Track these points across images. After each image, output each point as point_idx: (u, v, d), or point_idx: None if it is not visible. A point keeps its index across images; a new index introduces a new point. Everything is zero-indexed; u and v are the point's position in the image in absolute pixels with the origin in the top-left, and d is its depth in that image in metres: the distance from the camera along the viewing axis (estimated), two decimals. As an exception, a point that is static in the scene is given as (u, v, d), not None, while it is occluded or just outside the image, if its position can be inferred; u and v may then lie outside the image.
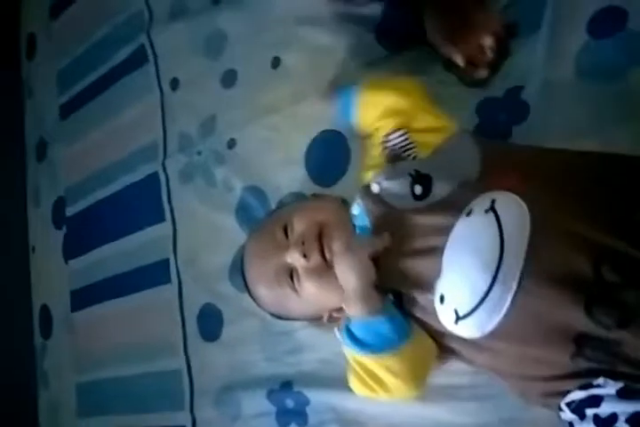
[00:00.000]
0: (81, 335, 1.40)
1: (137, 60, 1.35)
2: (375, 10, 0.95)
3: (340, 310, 0.84)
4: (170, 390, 1.18)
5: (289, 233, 0.82)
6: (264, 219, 0.96)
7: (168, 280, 1.22)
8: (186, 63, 1.25)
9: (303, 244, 0.79)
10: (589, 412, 0.61)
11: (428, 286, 0.68)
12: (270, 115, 1.08)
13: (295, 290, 0.82)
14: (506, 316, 0.61)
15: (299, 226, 0.82)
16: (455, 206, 0.68)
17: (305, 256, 0.79)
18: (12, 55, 1.76)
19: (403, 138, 0.79)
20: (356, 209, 0.81)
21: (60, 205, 1.53)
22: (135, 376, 1.26)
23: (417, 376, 0.76)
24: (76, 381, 1.41)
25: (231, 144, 1.14)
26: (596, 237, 0.59)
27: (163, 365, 1.21)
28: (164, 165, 1.26)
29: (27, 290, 1.60)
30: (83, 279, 1.41)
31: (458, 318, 0.65)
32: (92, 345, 1.37)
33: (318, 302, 0.83)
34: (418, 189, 0.73)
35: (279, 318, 0.93)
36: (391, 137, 0.79)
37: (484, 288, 0.62)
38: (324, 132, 1.01)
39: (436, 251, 0.67)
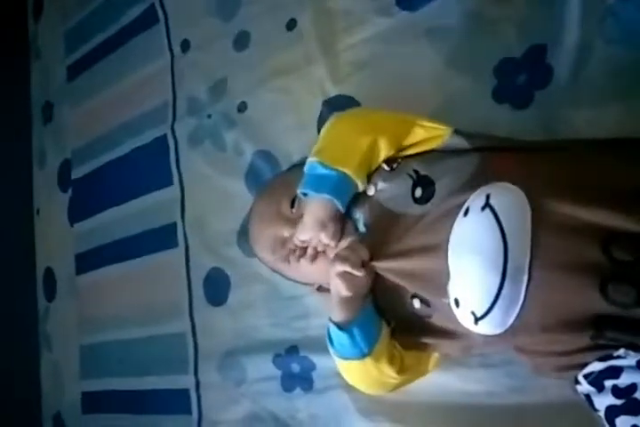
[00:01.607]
0: (85, 298, 1.41)
1: (147, 20, 1.32)
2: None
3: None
4: (174, 353, 1.18)
5: (295, 206, 0.81)
6: (277, 178, 0.95)
7: (175, 244, 1.21)
8: (197, 24, 1.23)
9: None
10: (608, 383, 0.60)
11: (439, 289, 0.66)
12: (281, 77, 1.06)
13: (288, 262, 0.82)
14: (522, 309, 0.61)
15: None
16: (455, 205, 0.65)
17: None
18: (18, 16, 1.73)
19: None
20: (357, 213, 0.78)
21: (65, 167, 1.51)
22: (139, 339, 1.26)
23: (379, 387, 0.81)
24: (80, 343, 1.42)
25: (242, 107, 1.12)
26: (598, 218, 0.58)
27: (167, 328, 1.21)
28: (172, 128, 1.24)
29: (31, 252, 1.60)
30: (88, 243, 1.41)
31: (476, 319, 0.64)
32: (95, 308, 1.38)
33: (310, 276, 0.84)
34: (418, 192, 0.70)
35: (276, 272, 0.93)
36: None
37: (496, 287, 0.60)
38: (336, 96, 0.99)
39: (438, 252, 0.65)
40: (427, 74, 0.89)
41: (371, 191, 0.75)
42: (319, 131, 0.99)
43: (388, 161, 0.75)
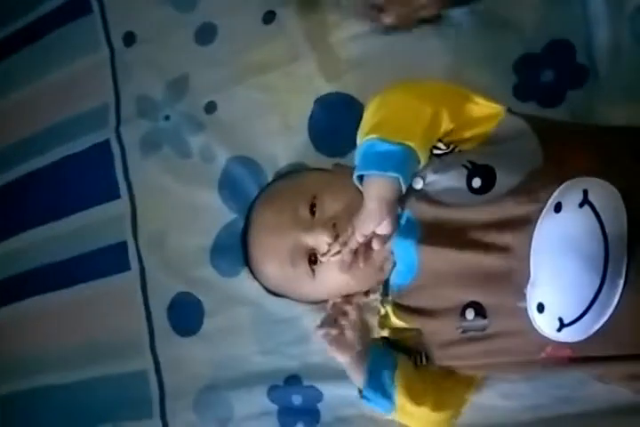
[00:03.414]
0: (3, 338, 1.17)
1: (75, 9, 1.15)
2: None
3: (349, 296, 0.76)
4: (132, 395, 1.01)
5: (317, 211, 0.71)
6: (278, 183, 0.83)
7: (126, 267, 1.04)
8: (144, 15, 1.08)
9: (334, 226, 0.69)
10: None
11: (515, 292, 0.59)
12: (259, 74, 0.96)
13: (312, 274, 0.72)
14: (612, 316, 0.56)
15: (331, 206, 0.71)
16: (532, 198, 0.59)
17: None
18: None
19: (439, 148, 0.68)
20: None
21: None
22: (84, 382, 1.06)
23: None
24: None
25: (210, 108, 1.00)
26: None
27: (122, 367, 1.03)
28: (118, 132, 1.07)
29: None
30: (7, 268, 1.18)
31: (562, 326, 0.58)
32: (19, 349, 1.15)
33: (333, 288, 0.75)
34: (477, 182, 0.62)
35: (276, 295, 0.82)
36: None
37: (593, 292, 0.55)
38: (330, 94, 0.90)
39: (515, 251, 0.59)
40: (436, 71, 0.84)
41: (418, 184, 0.66)
42: (310, 132, 0.92)
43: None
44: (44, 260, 1.13)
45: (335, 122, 0.89)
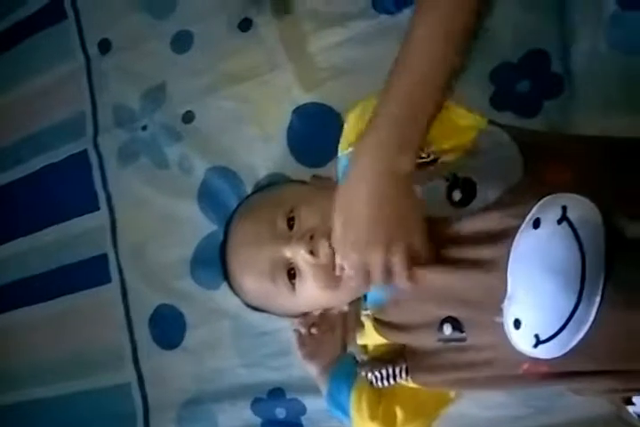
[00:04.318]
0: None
1: (51, 16, 1.13)
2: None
3: (328, 310, 0.76)
4: (115, 408, 1.00)
5: (295, 224, 0.70)
6: (256, 196, 0.82)
7: (107, 279, 1.03)
8: (120, 22, 1.07)
9: (311, 238, 0.68)
10: None
11: (492, 308, 0.59)
12: (236, 83, 0.94)
13: (292, 288, 0.71)
14: (588, 332, 0.55)
15: (308, 219, 0.70)
16: (511, 213, 0.59)
17: (312, 253, 0.67)
18: None
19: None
20: None
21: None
22: (65, 397, 1.05)
23: None
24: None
25: (188, 118, 0.98)
26: None
27: (105, 380, 1.02)
28: (95, 142, 1.06)
29: None
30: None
31: (538, 343, 0.57)
32: (1, 361, 1.13)
33: (313, 301, 0.74)
34: (457, 195, 0.62)
35: (255, 309, 0.81)
36: None
37: (570, 309, 0.55)
38: (308, 104, 0.89)
39: (493, 266, 0.58)
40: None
41: None
42: (288, 142, 0.90)
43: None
44: (24, 272, 1.12)
45: (314, 132, 0.88)
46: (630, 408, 0.63)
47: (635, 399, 0.61)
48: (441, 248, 0.61)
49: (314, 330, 0.78)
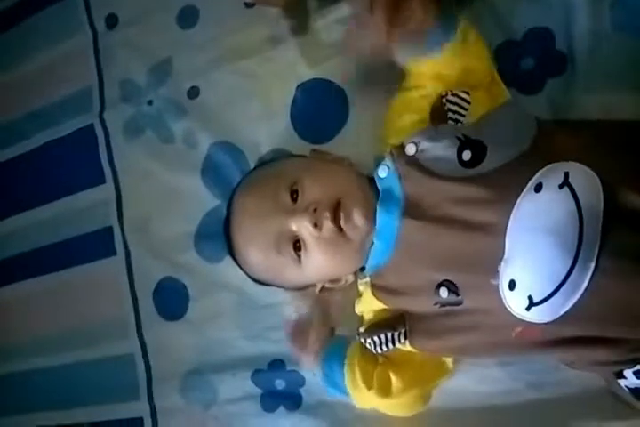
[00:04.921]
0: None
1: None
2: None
3: (335, 280, 0.78)
4: (120, 378, 1.03)
5: (298, 197, 0.71)
6: (258, 171, 0.83)
7: (112, 252, 1.05)
8: (127, -3, 1.07)
9: (315, 211, 0.69)
10: None
11: (489, 269, 0.60)
12: (241, 59, 0.95)
13: (297, 260, 0.72)
14: (581, 298, 0.57)
15: (311, 191, 0.71)
16: (516, 177, 0.60)
17: (316, 226, 0.69)
18: None
19: (465, 99, 0.68)
20: (383, 171, 0.71)
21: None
22: (70, 366, 1.08)
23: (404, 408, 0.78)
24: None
25: (193, 93, 0.99)
26: None
27: (109, 350, 1.04)
28: (101, 117, 1.07)
29: None
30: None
31: (531, 305, 0.59)
32: (4, 333, 1.16)
33: (320, 272, 0.75)
34: (467, 155, 0.64)
35: (261, 283, 0.82)
36: (453, 93, 0.68)
37: (565, 272, 0.56)
38: (312, 80, 0.89)
39: (492, 228, 0.60)
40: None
41: (411, 150, 0.68)
42: (292, 118, 0.91)
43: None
44: (29, 245, 1.14)
45: (317, 108, 0.89)
46: (622, 382, 0.64)
47: (626, 373, 0.62)
48: (445, 207, 0.64)
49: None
